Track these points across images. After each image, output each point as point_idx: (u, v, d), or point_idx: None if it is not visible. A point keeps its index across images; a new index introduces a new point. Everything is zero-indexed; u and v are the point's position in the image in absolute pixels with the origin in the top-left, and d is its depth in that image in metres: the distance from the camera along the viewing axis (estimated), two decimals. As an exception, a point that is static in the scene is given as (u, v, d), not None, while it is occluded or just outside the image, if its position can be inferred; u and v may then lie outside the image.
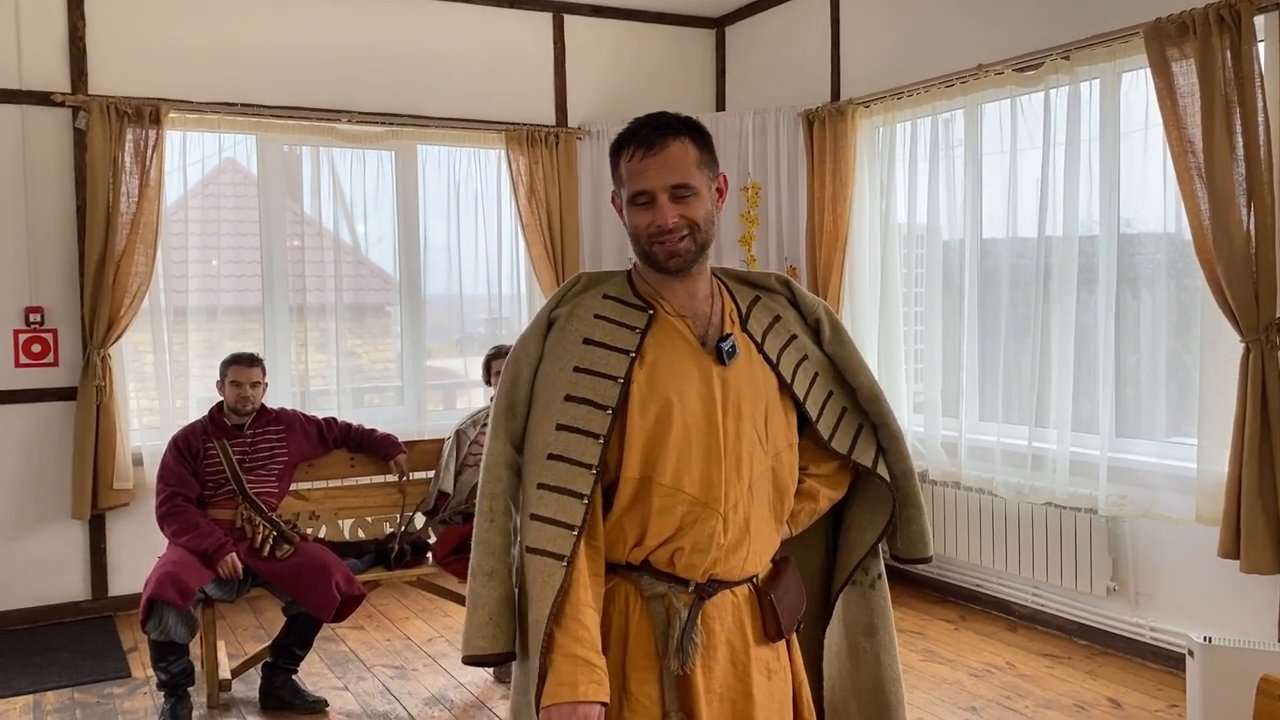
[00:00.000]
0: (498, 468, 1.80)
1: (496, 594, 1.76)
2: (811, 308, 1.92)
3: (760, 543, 1.80)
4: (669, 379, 1.76)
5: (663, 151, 1.72)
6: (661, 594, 1.75)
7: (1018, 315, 4.70)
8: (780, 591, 1.83)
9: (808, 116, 5.51)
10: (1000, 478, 4.66)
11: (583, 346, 1.77)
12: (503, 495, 1.79)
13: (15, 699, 4.08)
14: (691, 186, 1.73)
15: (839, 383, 1.92)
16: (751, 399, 1.79)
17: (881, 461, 1.93)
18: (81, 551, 5.05)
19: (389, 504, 4.51)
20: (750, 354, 1.82)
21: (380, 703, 4.03)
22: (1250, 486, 3.61)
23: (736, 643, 1.79)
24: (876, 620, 1.99)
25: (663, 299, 1.81)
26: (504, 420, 1.81)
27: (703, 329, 1.81)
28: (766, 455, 1.80)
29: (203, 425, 4.05)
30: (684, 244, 1.74)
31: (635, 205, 1.75)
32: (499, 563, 1.77)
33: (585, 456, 1.71)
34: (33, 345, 4.91)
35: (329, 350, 5.65)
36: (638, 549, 1.75)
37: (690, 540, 1.73)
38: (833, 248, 5.36)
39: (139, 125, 4.92)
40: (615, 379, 1.74)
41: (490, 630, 1.74)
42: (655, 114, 1.79)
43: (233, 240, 5.57)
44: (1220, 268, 3.65)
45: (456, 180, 5.91)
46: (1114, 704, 3.88)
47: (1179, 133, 3.77)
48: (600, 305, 1.82)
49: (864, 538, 1.96)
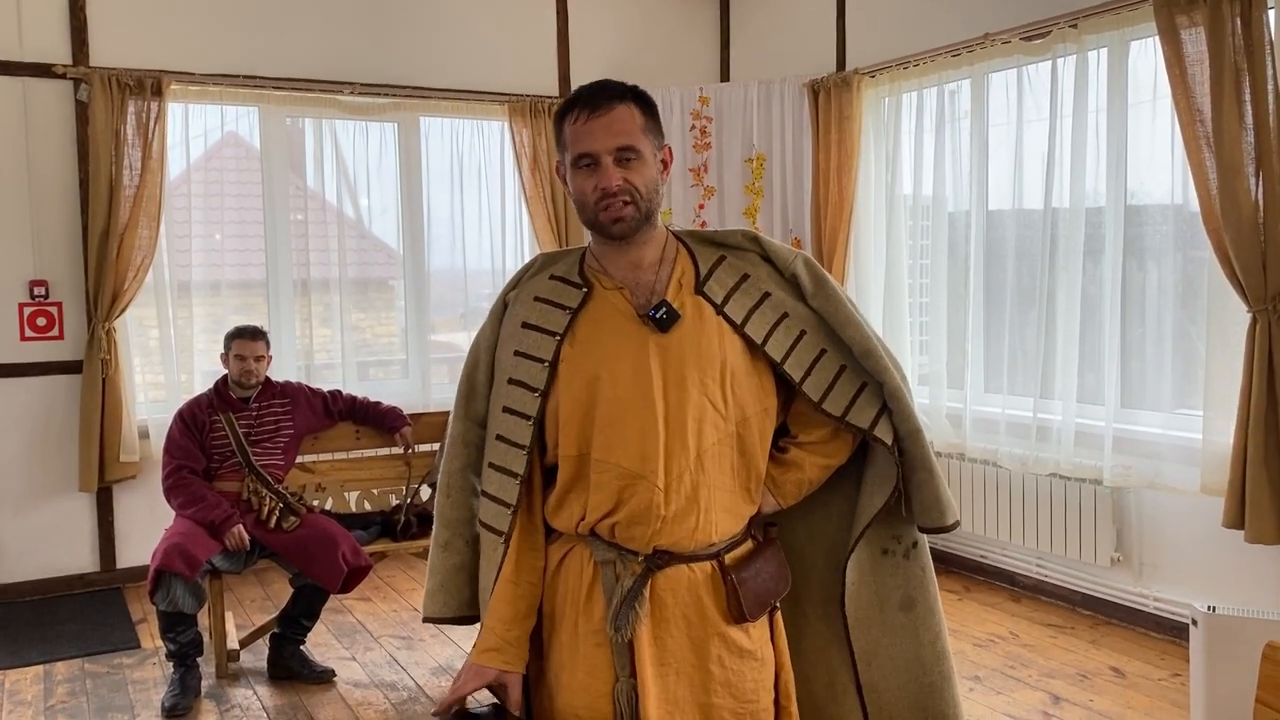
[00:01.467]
0: (456, 445, 1.89)
1: (450, 564, 1.88)
2: (787, 262, 1.83)
3: (716, 513, 1.74)
4: (598, 354, 1.74)
5: (608, 114, 1.70)
6: (610, 561, 1.75)
7: (1023, 287, 4.69)
8: (748, 572, 1.76)
9: (813, 87, 5.47)
10: (1005, 449, 4.66)
11: (521, 330, 1.81)
12: (459, 472, 1.89)
13: (26, 669, 4.12)
14: (636, 149, 1.71)
15: (832, 340, 1.81)
16: (699, 365, 1.72)
17: (885, 422, 1.80)
18: (89, 524, 5.08)
19: (395, 476, 4.52)
20: (703, 317, 1.75)
21: (388, 672, 4.06)
22: (1256, 456, 3.61)
23: (694, 618, 1.75)
24: (913, 592, 1.89)
25: (605, 273, 1.79)
26: (464, 401, 1.89)
27: (644, 298, 1.76)
28: (726, 422, 1.73)
29: (208, 398, 4.05)
30: (628, 209, 1.71)
31: (579, 169, 1.73)
32: (454, 535, 1.88)
33: (520, 438, 1.77)
34: (38, 319, 4.91)
35: (333, 325, 5.65)
36: (583, 522, 1.76)
37: (627, 513, 1.71)
38: (838, 219, 5.34)
39: (141, 97, 4.90)
40: (543, 361, 1.76)
41: (442, 596, 1.87)
42: (602, 81, 1.77)
43: (236, 214, 5.56)
44: (1228, 237, 3.63)
45: (460, 152, 5.88)
46: (1117, 673, 3.90)
47: (1187, 101, 3.74)
48: (543, 287, 1.83)
49: (872, 503, 1.85)
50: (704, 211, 5.84)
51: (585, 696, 1.74)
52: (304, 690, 3.89)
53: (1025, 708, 3.63)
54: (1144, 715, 3.55)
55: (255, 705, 3.77)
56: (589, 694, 1.74)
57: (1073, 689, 3.77)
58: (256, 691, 3.89)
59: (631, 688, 1.72)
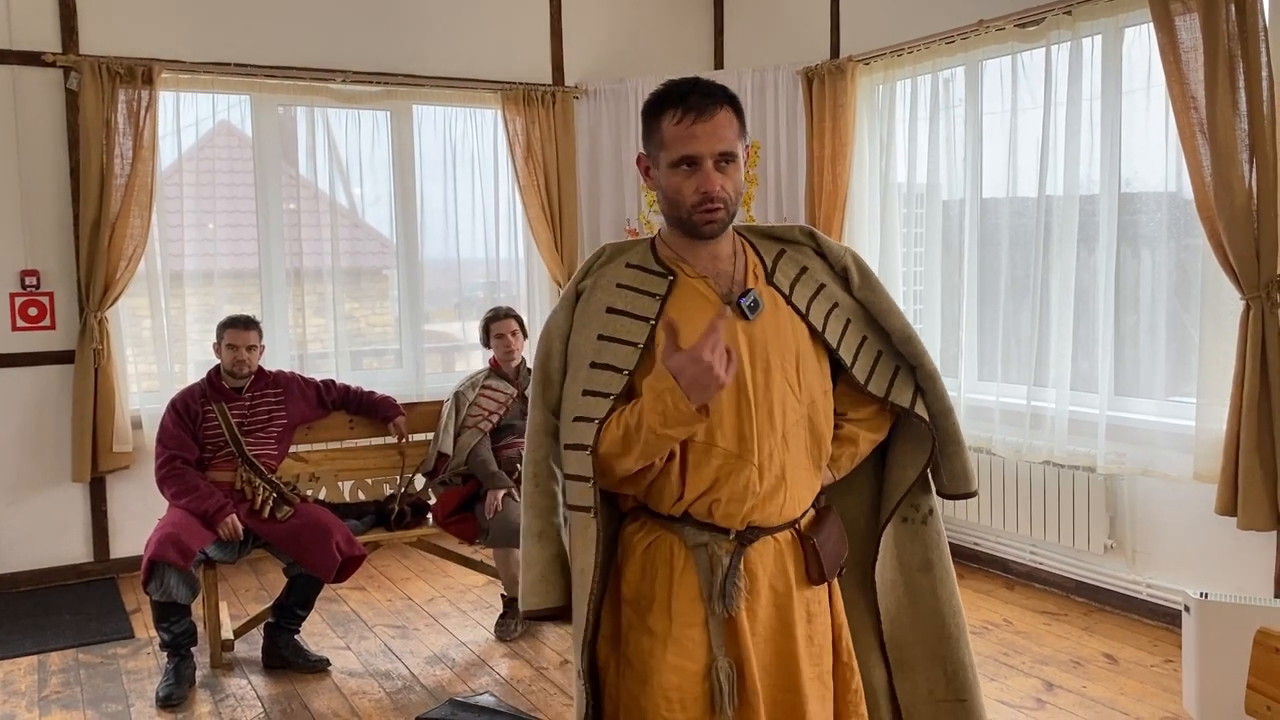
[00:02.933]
0: (538, 435, 1.91)
1: (547, 554, 1.90)
2: (838, 256, 1.96)
3: (798, 488, 1.85)
4: (692, 338, 1.77)
5: (712, 119, 1.76)
6: (704, 543, 1.81)
7: (1017, 275, 4.69)
8: (822, 537, 1.88)
9: (807, 74, 5.46)
10: (999, 437, 4.67)
11: (606, 315, 1.84)
12: (544, 460, 1.91)
13: (20, 659, 4.11)
14: (734, 155, 1.79)
15: (872, 327, 1.95)
16: (780, 350, 1.83)
17: (920, 401, 1.96)
18: (83, 514, 5.07)
19: (389, 466, 4.52)
20: (777, 306, 1.86)
21: (382, 661, 4.07)
22: (1249, 444, 3.62)
23: (779, 586, 1.85)
24: (931, 555, 2.05)
25: (685, 262, 1.86)
26: (540, 391, 1.91)
27: (726, 287, 1.85)
28: (801, 404, 1.84)
29: (201, 388, 4.04)
30: (721, 214, 1.79)
31: (677, 170, 1.78)
32: (546, 524, 1.92)
33: (599, 414, 1.79)
34: (29, 308, 4.89)
35: (327, 314, 5.64)
36: (679, 503, 1.82)
37: (727, 492, 1.79)
38: (832, 207, 5.34)
39: (131, 85, 4.87)
40: (635, 345, 1.80)
41: (543, 587, 1.89)
42: (698, 79, 1.82)
43: (228, 204, 5.54)
44: (1221, 224, 3.63)
45: (453, 141, 5.86)
46: (1110, 659, 3.91)
47: (1182, 88, 3.73)
48: (623, 274, 1.88)
49: (905, 475, 2.00)
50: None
51: (677, 677, 1.78)
52: (299, 679, 3.89)
53: (1019, 694, 3.64)
54: (1137, 701, 3.56)
55: (250, 695, 3.77)
56: (681, 674, 1.78)
57: (1066, 676, 3.78)
58: (251, 681, 3.89)
59: (730, 664, 1.79)
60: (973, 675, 2.06)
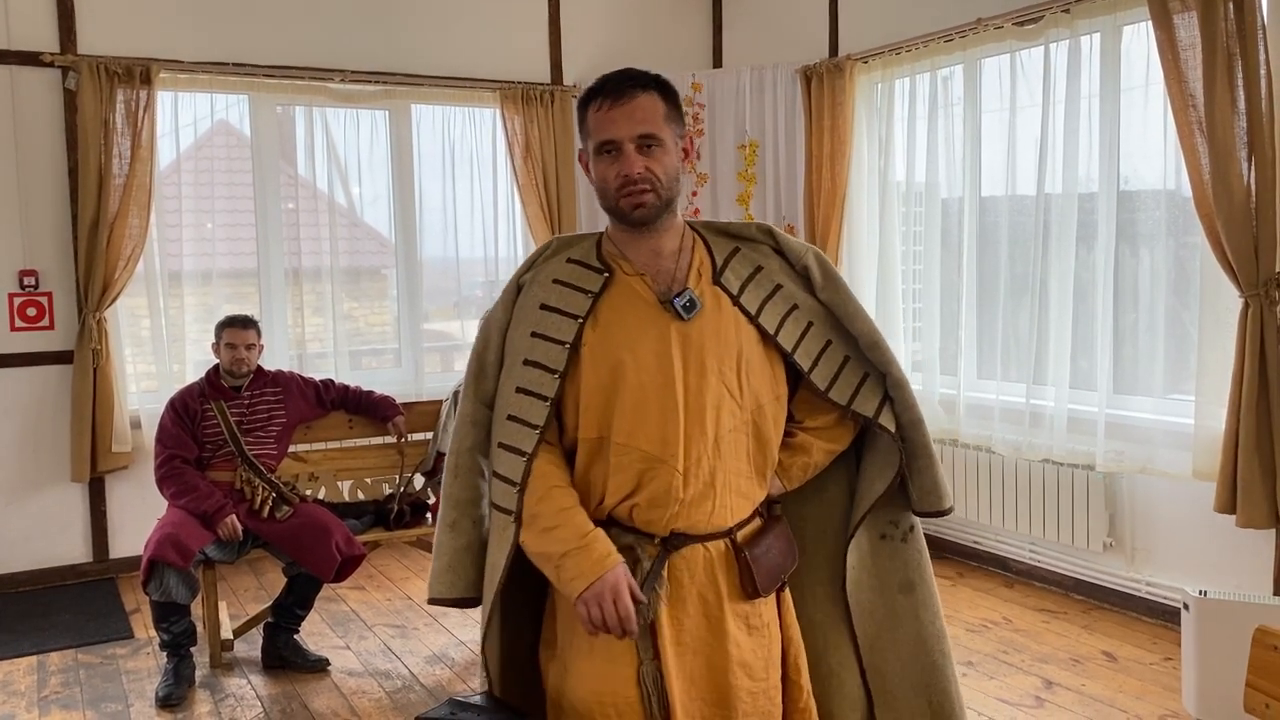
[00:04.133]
0: (465, 426, 1.88)
1: (457, 544, 1.88)
2: (799, 255, 1.88)
3: (730, 496, 1.79)
4: (622, 339, 1.76)
5: (630, 102, 1.73)
6: (629, 545, 1.76)
7: (1016, 273, 4.69)
8: (760, 549, 1.81)
9: (805, 73, 5.45)
10: (998, 435, 4.67)
11: (539, 312, 1.81)
12: (467, 452, 1.88)
13: (19, 659, 4.11)
14: (658, 138, 1.74)
15: (837, 331, 1.87)
16: (718, 353, 1.77)
17: (888, 411, 1.87)
18: (82, 514, 5.07)
19: (388, 465, 4.51)
20: (720, 307, 1.80)
21: (382, 661, 4.07)
22: (1247, 441, 3.62)
23: (709, 596, 1.78)
24: (912, 575, 1.95)
25: (625, 258, 1.81)
26: (473, 382, 1.88)
27: (665, 286, 1.80)
28: (742, 409, 1.78)
29: (200, 387, 4.04)
30: (649, 196, 1.74)
31: (601, 156, 1.76)
32: (461, 515, 1.89)
33: (535, 418, 1.76)
34: (28, 309, 4.89)
35: (325, 314, 5.64)
36: (600, 506, 1.78)
37: (647, 496, 1.74)
38: (831, 206, 5.34)
39: (129, 85, 4.86)
40: (564, 343, 1.76)
41: (449, 577, 1.88)
42: (624, 69, 1.79)
43: (227, 203, 5.54)
44: (1220, 222, 3.63)
45: (451, 140, 5.86)
46: (1109, 657, 3.92)
47: (1180, 86, 3.73)
48: (561, 270, 1.84)
49: (873, 489, 1.91)
50: (697, 199, 5.82)
51: (609, 682, 1.75)
52: (298, 679, 3.89)
53: (1018, 693, 3.64)
54: (1136, 699, 3.56)
55: (249, 694, 3.77)
56: (612, 679, 1.75)
57: (1065, 674, 3.79)
58: (251, 681, 3.89)
59: (656, 669, 1.75)
60: (959, 706, 1.96)
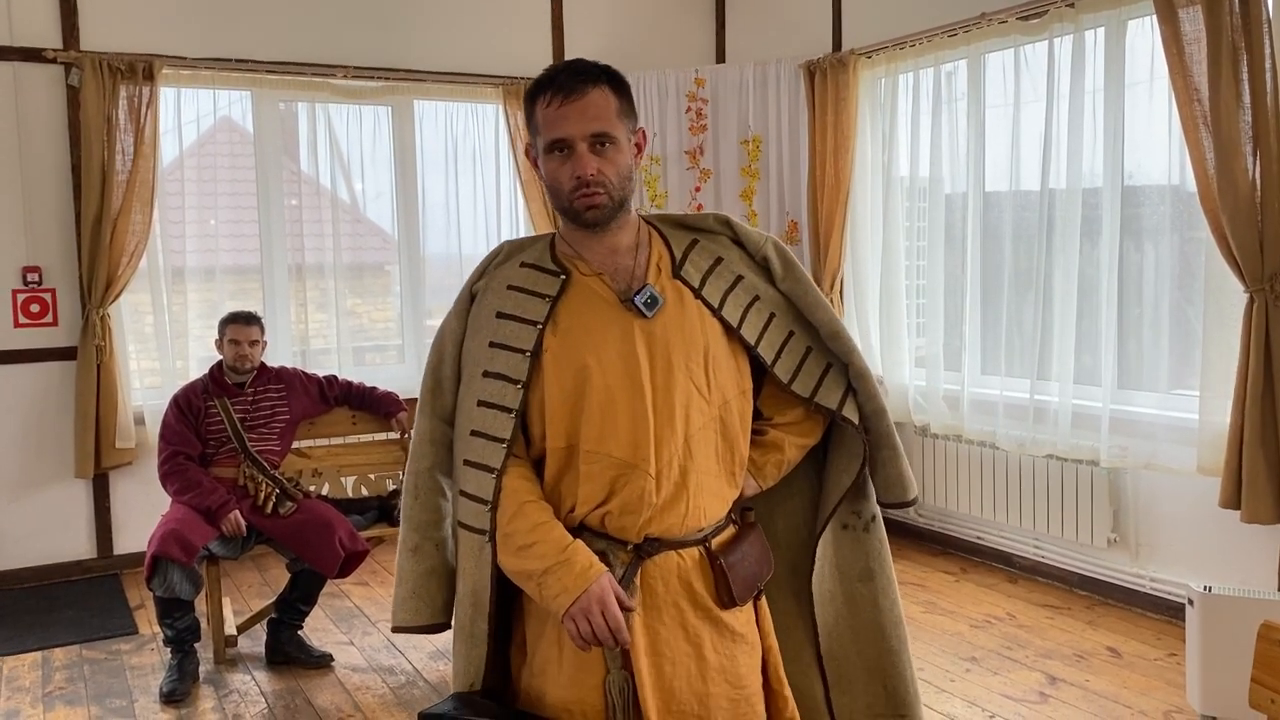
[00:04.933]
0: (423, 445, 1.82)
1: (421, 569, 1.81)
2: (758, 245, 1.84)
3: (703, 497, 1.74)
4: (584, 342, 1.71)
5: (582, 99, 1.66)
6: (601, 550, 1.70)
7: (1020, 268, 4.68)
8: (735, 557, 1.76)
9: (809, 68, 5.44)
10: (1002, 431, 4.66)
11: (496, 320, 1.75)
12: (427, 472, 1.82)
13: (24, 655, 4.12)
14: (611, 136, 1.68)
15: (800, 322, 1.83)
16: (684, 349, 1.72)
17: (851, 402, 1.84)
18: (86, 510, 5.07)
19: (391, 461, 4.51)
20: (683, 301, 1.75)
21: (385, 657, 4.07)
22: (1252, 436, 3.61)
23: (685, 605, 1.73)
24: (872, 564, 1.93)
25: (581, 259, 1.76)
26: (430, 398, 1.82)
27: (624, 284, 1.74)
28: (710, 405, 1.73)
29: (203, 384, 4.04)
30: (602, 198, 1.68)
31: (552, 155, 1.69)
32: (423, 538, 1.82)
33: (500, 431, 1.71)
34: (31, 305, 4.89)
35: (329, 310, 5.64)
36: (571, 514, 1.73)
37: (619, 503, 1.69)
38: (834, 201, 5.32)
39: (132, 82, 4.86)
40: (524, 352, 1.71)
41: (414, 604, 1.82)
42: (573, 60, 1.72)
43: (230, 200, 5.54)
44: (1225, 217, 3.62)
45: (454, 136, 5.85)
46: (1113, 653, 3.91)
47: (1185, 81, 3.72)
48: (515, 275, 1.78)
49: (840, 482, 1.88)
50: (700, 194, 5.82)
51: (576, 690, 1.71)
52: (302, 675, 3.90)
53: (1022, 688, 3.64)
54: (1140, 695, 3.56)
55: (253, 690, 3.77)
56: (580, 687, 1.71)
57: (1069, 669, 3.78)
58: (254, 676, 3.89)
59: (624, 679, 1.70)
60: (913, 689, 1.95)
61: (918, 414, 5.10)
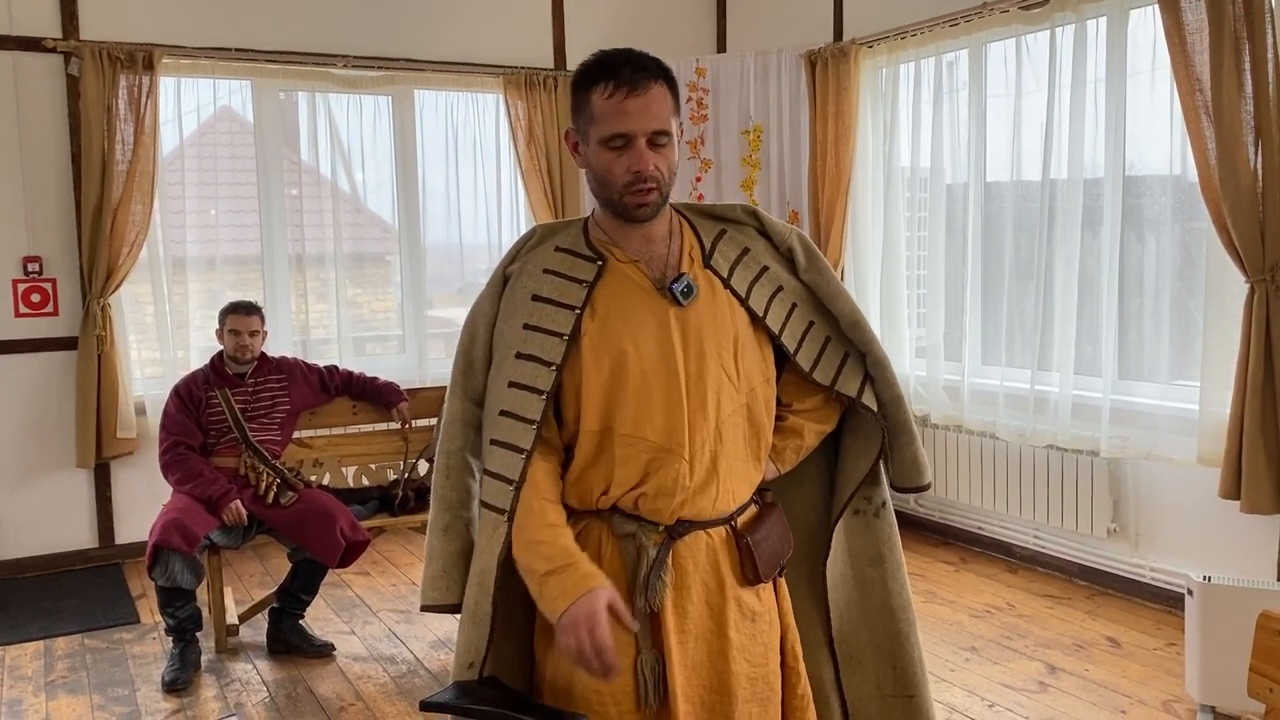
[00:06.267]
0: (455, 425, 1.83)
1: (451, 548, 1.82)
2: (783, 236, 1.87)
3: (732, 481, 1.77)
4: (622, 328, 1.73)
5: (645, 94, 1.66)
6: (632, 533, 1.74)
7: (1021, 258, 4.67)
8: (760, 535, 1.80)
9: (810, 57, 5.43)
10: (1003, 421, 4.66)
11: (531, 303, 1.76)
12: (459, 452, 1.83)
13: (26, 644, 4.13)
14: (668, 133, 1.69)
15: (820, 312, 1.87)
16: (716, 337, 1.75)
17: (869, 390, 1.87)
18: (88, 500, 5.08)
19: (392, 451, 4.52)
20: (714, 290, 1.78)
21: (387, 646, 4.08)
22: (1252, 427, 3.61)
23: (711, 584, 1.77)
24: (883, 549, 1.97)
25: (616, 246, 1.78)
26: (462, 379, 1.83)
27: (659, 272, 1.77)
28: (739, 393, 1.77)
29: (204, 374, 4.04)
30: (653, 195, 1.70)
31: (609, 147, 1.69)
32: (454, 518, 1.83)
33: (530, 412, 1.72)
34: (32, 295, 4.89)
35: (329, 300, 5.64)
36: (604, 497, 1.75)
37: (654, 486, 1.71)
38: (835, 191, 5.32)
39: (132, 71, 4.85)
40: (561, 335, 1.72)
41: (444, 582, 1.81)
42: (630, 51, 1.71)
43: (230, 190, 5.53)
44: (1226, 207, 3.61)
45: (454, 126, 5.84)
46: (1113, 643, 3.92)
47: (1186, 70, 3.71)
48: (550, 259, 1.80)
49: (858, 467, 1.92)
50: (701, 184, 5.81)
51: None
52: (303, 664, 3.91)
53: (1022, 677, 3.65)
54: (1139, 684, 3.57)
55: (255, 679, 3.78)
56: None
57: (1069, 659, 3.79)
58: (256, 665, 3.90)
59: (655, 659, 1.73)
60: (921, 670, 1.99)
61: (918, 404, 5.10)
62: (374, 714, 3.50)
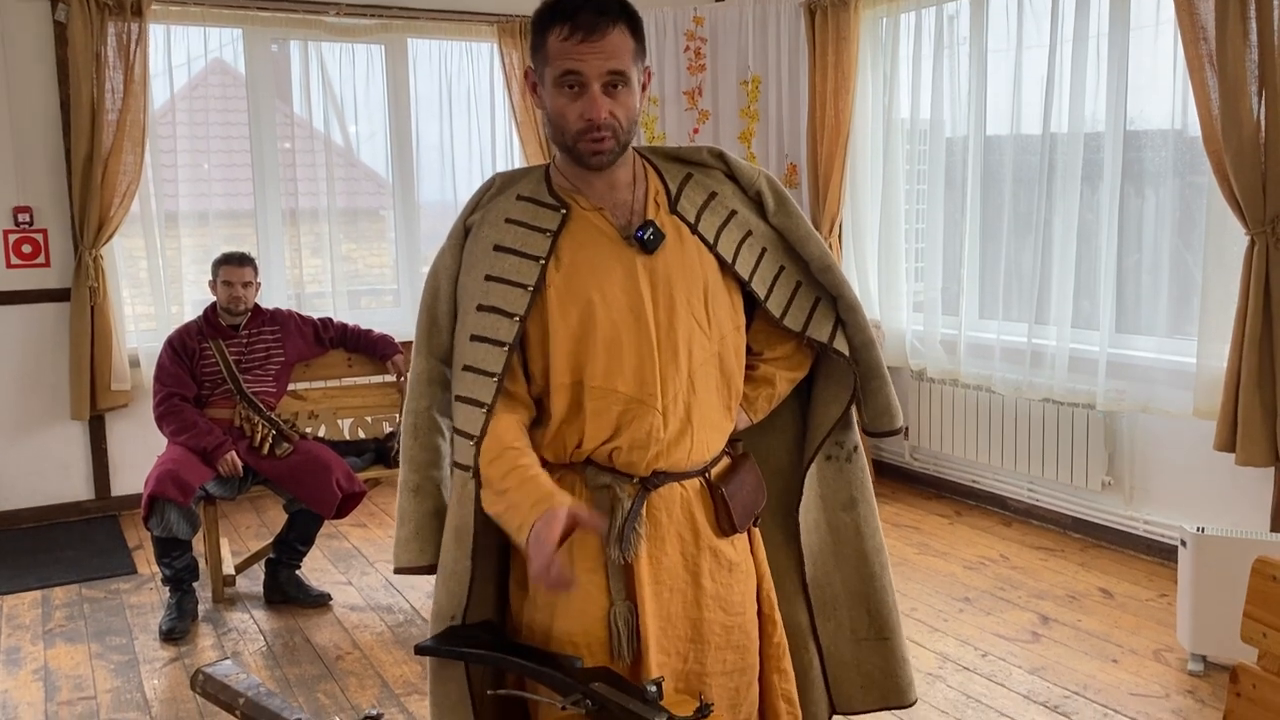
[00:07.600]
0: (420, 384, 1.80)
1: (423, 509, 1.80)
2: (751, 179, 1.82)
3: (706, 431, 1.75)
4: (589, 277, 1.69)
5: (602, 39, 1.59)
6: (606, 485, 1.71)
7: (1020, 213, 4.65)
8: (734, 486, 1.78)
9: (809, 7, 5.35)
10: (999, 374, 4.66)
11: (493, 254, 1.71)
12: (425, 411, 1.81)
13: (24, 594, 4.15)
14: (626, 76, 1.63)
15: (790, 256, 1.82)
16: (685, 284, 1.71)
17: (840, 335, 1.84)
18: (83, 452, 5.08)
19: (388, 403, 4.51)
20: (681, 237, 1.73)
21: (383, 596, 4.10)
22: (1249, 379, 3.61)
23: (686, 535, 1.76)
24: (855, 493, 1.96)
25: (580, 193, 1.73)
26: (426, 336, 1.79)
27: (624, 219, 1.72)
28: (710, 341, 1.73)
29: (198, 325, 4.02)
30: (609, 143, 1.65)
31: (562, 88, 1.63)
32: (424, 478, 1.81)
33: (491, 365, 1.68)
34: (23, 245, 4.85)
35: (323, 255, 5.60)
36: (578, 450, 1.72)
37: (628, 439, 1.68)
38: (834, 144, 5.27)
39: (121, 18, 4.78)
40: (525, 286, 1.67)
41: (416, 544, 1.81)
42: None
43: (222, 143, 5.47)
44: (1228, 158, 3.58)
45: (448, 76, 5.77)
46: (1105, 594, 3.95)
47: (1191, 20, 3.66)
48: (512, 208, 1.74)
49: (829, 413, 1.90)
50: (699, 136, 5.75)
51: (581, 621, 1.72)
52: (300, 614, 3.93)
53: (1014, 627, 3.68)
54: (1130, 634, 3.60)
55: (252, 628, 3.80)
56: (585, 618, 1.72)
57: (1061, 609, 3.82)
58: (253, 615, 3.92)
59: (628, 610, 1.72)
60: (895, 613, 1.99)
61: (914, 358, 5.10)
62: (371, 662, 3.53)
